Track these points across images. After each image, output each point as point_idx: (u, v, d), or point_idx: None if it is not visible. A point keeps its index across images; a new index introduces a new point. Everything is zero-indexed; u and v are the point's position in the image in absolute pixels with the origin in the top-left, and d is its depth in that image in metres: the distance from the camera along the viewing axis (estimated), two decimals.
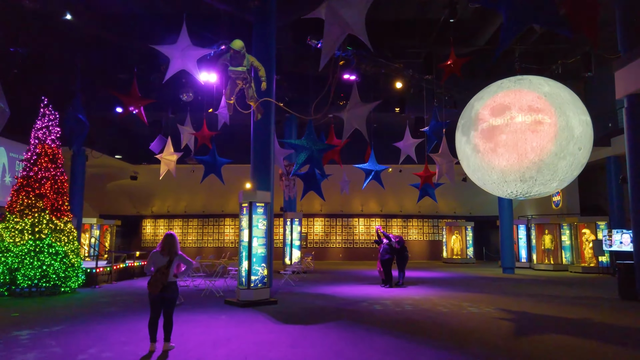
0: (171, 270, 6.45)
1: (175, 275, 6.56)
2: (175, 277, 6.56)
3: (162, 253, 6.45)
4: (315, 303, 10.92)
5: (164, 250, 6.46)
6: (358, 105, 9.63)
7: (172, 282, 6.49)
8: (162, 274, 6.37)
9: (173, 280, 6.50)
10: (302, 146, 9.54)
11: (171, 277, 6.46)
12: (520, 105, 8.42)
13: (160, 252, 6.46)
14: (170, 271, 6.44)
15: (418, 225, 29.55)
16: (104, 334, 7.41)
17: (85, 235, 23.38)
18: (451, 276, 18.29)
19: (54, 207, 12.55)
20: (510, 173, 8.48)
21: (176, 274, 6.57)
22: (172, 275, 6.50)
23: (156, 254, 6.47)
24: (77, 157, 20.59)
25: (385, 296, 12.06)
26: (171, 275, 6.46)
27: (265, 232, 10.90)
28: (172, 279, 6.48)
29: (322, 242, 28.95)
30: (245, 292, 10.51)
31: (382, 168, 14.61)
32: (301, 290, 13.22)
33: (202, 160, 13.61)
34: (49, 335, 7.32)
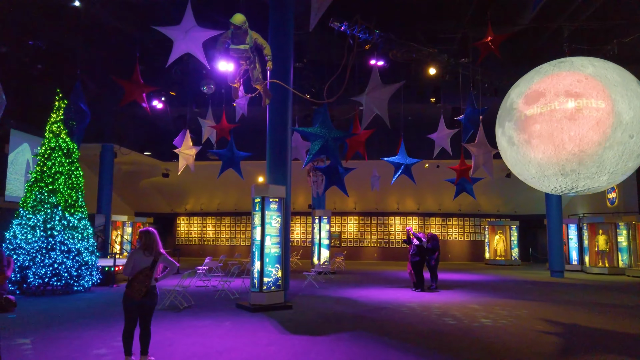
0: (154, 273, 5.63)
1: (156, 278, 5.72)
2: (156, 281, 5.72)
3: (144, 252, 5.62)
4: (334, 309, 9.91)
5: (147, 249, 5.63)
6: (378, 87, 8.56)
7: (153, 286, 5.66)
8: (146, 277, 5.53)
9: (153, 284, 5.67)
10: (316, 134, 8.56)
11: (153, 280, 5.64)
12: (556, 91, 7.46)
13: (142, 251, 5.63)
14: (154, 273, 5.62)
15: (458, 224, 27.93)
16: (87, 343, 6.69)
17: (116, 233, 23.33)
18: (492, 279, 16.81)
19: (67, 203, 12.14)
20: (548, 166, 7.61)
21: (156, 277, 5.73)
22: (153, 279, 5.68)
23: (137, 253, 5.63)
24: (105, 154, 20.47)
25: (413, 302, 10.90)
26: (153, 278, 5.64)
27: (279, 230, 9.99)
28: (152, 282, 5.65)
29: (356, 241, 27.85)
30: (257, 296, 9.64)
31: (413, 161, 13.40)
32: (323, 294, 12.25)
33: (219, 154, 12.88)
34: (24, 343, 6.68)
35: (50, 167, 12.13)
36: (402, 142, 13.83)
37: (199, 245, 29.77)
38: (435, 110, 18.47)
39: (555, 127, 7.30)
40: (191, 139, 15.41)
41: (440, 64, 15.01)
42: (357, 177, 23.14)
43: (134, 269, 5.55)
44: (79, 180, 12.67)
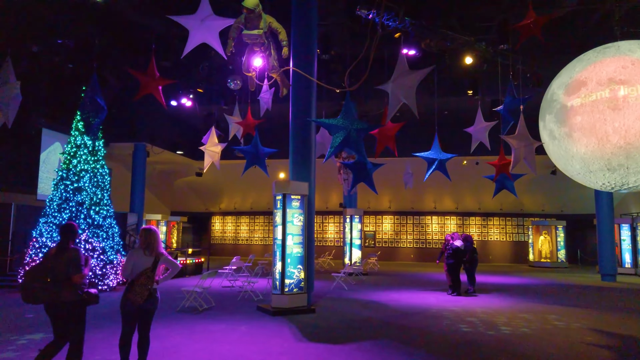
0: (155, 274, 5.18)
1: (156, 281, 5.26)
2: (157, 283, 5.27)
3: (144, 252, 5.17)
4: (361, 313, 9.27)
5: (147, 249, 5.18)
6: (405, 74, 7.85)
7: (155, 288, 5.20)
8: (148, 279, 5.08)
9: (155, 287, 5.22)
10: (337, 126, 7.95)
11: (154, 282, 5.18)
12: (598, 79, 6.94)
13: (143, 250, 5.18)
14: (155, 275, 5.17)
15: (500, 224, 26.59)
16: (93, 346, 6.36)
17: None
18: (537, 283, 15.69)
19: (92, 201, 12.03)
20: (592, 161, 7.09)
21: (157, 280, 5.27)
22: (155, 281, 5.23)
23: (137, 253, 5.18)
24: (137, 153, 20.55)
25: (447, 307, 10.11)
26: (155, 280, 5.19)
27: (302, 228, 9.45)
28: (154, 285, 5.20)
29: (391, 241, 26.99)
30: (279, 298, 9.12)
31: (448, 157, 12.51)
32: (351, 296, 11.61)
33: (243, 151, 12.44)
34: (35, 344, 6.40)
35: (76, 165, 12.06)
36: (436, 136, 12.99)
37: (233, 244, 29.71)
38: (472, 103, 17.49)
39: (597, 119, 6.82)
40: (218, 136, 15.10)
41: (477, 53, 14.07)
42: (391, 174, 22.41)
43: (134, 270, 5.10)
44: (105, 179, 12.57)
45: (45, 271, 4.77)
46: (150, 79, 8.74)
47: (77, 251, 4.98)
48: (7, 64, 8.19)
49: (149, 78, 8.74)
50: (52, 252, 4.95)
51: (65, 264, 4.80)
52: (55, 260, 4.81)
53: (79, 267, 4.92)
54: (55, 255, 4.85)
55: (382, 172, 22.37)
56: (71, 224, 5.11)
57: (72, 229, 5.05)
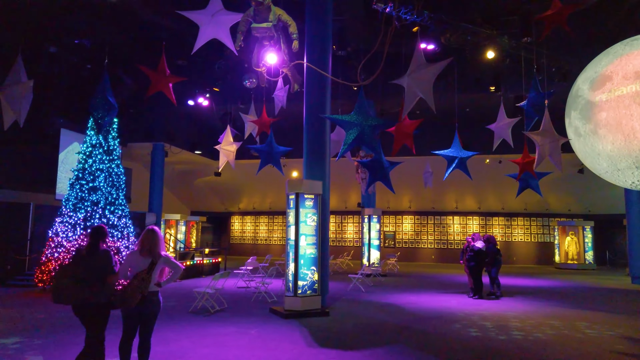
0: (153, 277, 4.96)
1: (159, 283, 5.05)
2: (158, 286, 5.05)
3: (141, 254, 4.97)
4: (376, 317, 8.94)
5: (144, 250, 4.98)
6: (422, 67, 7.50)
7: (154, 292, 4.99)
8: (142, 281, 4.88)
9: (155, 290, 5.00)
10: (350, 122, 7.65)
11: (153, 285, 4.97)
12: (624, 73, 6.64)
13: (139, 252, 4.98)
14: (153, 278, 4.95)
15: (524, 224, 25.84)
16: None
17: (170, 231, 23.51)
18: (563, 285, 15.07)
19: (107, 200, 11.98)
20: (620, 159, 6.82)
21: (159, 282, 5.05)
22: (155, 284, 5.00)
23: (134, 254, 4.99)
24: (156, 153, 20.60)
25: (468, 310, 9.70)
26: (153, 283, 4.97)
27: (315, 229, 9.17)
28: (153, 288, 4.98)
29: (412, 242, 26.50)
30: (291, 300, 8.87)
31: (468, 154, 12.08)
32: (368, 299, 11.28)
33: (257, 150, 12.25)
34: (34, 347, 6.28)
35: (91, 165, 12.04)
36: (456, 133, 12.56)
37: (252, 244, 29.64)
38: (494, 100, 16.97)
39: (623, 114, 6.55)
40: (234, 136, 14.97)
41: (499, 47, 13.57)
42: (411, 173, 21.99)
43: (130, 272, 4.92)
44: (120, 178, 12.53)
45: (77, 272, 4.70)
46: (161, 76, 8.60)
47: (108, 253, 4.95)
48: (18, 62, 8.13)
49: (159, 75, 8.60)
50: (83, 253, 4.89)
51: (98, 266, 4.77)
52: (86, 262, 4.77)
53: (112, 269, 4.88)
54: (87, 257, 4.81)
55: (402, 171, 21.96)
56: (101, 226, 5.05)
57: (102, 230, 4.99)
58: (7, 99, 8.04)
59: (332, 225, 27.65)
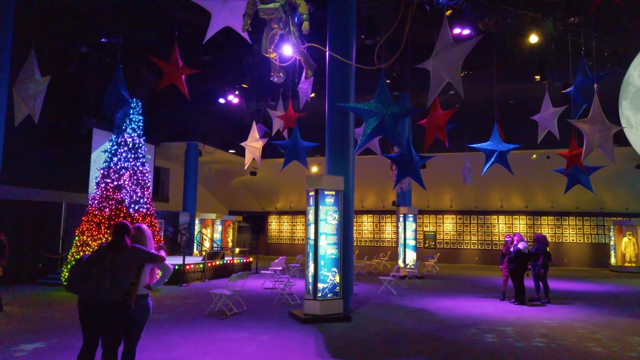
0: (143, 278, 4.51)
1: (149, 286, 4.61)
2: (148, 289, 4.61)
3: None
4: (402, 323, 8.22)
5: None
6: (449, 47, 6.74)
7: (143, 295, 4.54)
8: (132, 285, 4.42)
9: (144, 293, 4.56)
10: (370, 111, 6.99)
11: (142, 288, 4.52)
12: None
13: None
14: (142, 279, 4.50)
15: (576, 224, 24.11)
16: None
17: (205, 231, 23.51)
18: (619, 291, 13.72)
19: (132, 199, 11.84)
20: None
21: (149, 285, 4.61)
22: (144, 286, 4.56)
23: None
24: (190, 152, 20.58)
25: (508, 318, 8.79)
26: (142, 285, 4.52)
27: (336, 227, 8.56)
28: (143, 290, 4.54)
29: (453, 242, 25.32)
30: (311, 304, 8.30)
31: (509, 147, 11.09)
32: (398, 303, 10.55)
33: (282, 146, 11.78)
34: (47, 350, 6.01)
35: (116, 163, 11.94)
36: (495, 125, 11.59)
37: (290, 244, 29.30)
38: (541, 90, 15.78)
39: None
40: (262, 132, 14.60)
41: (543, 31, 12.46)
42: (451, 170, 20.95)
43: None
44: (145, 177, 12.37)
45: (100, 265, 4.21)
46: (174, 68, 8.26)
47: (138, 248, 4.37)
48: (31, 57, 8.00)
49: (172, 67, 8.26)
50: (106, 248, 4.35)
51: (123, 263, 4.24)
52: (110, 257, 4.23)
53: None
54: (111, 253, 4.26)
55: (442, 168, 20.92)
56: (125, 223, 4.47)
57: (126, 227, 4.41)
58: (20, 95, 7.92)
59: (369, 225, 26.91)
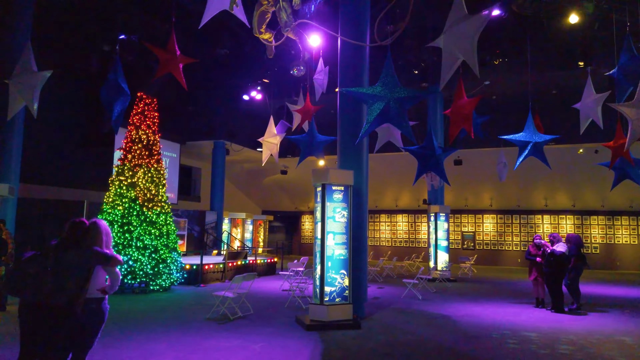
0: (95, 280, 4.00)
1: (103, 289, 4.07)
2: (103, 293, 4.08)
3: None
4: (418, 332, 7.42)
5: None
6: (461, 20, 5.91)
7: (95, 298, 4.02)
8: (80, 288, 3.91)
9: (97, 297, 4.03)
10: (374, 95, 6.26)
11: (94, 291, 4.01)
12: None
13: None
14: (94, 282, 3.99)
15: (630, 224, 22.21)
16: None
17: (236, 230, 23.27)
18: None
19: (145, 197, 11.57)
20: None
21: (104, 288, 4.08)
22: (98, 289, 4.04)
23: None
24: (217, 151, 20.35)
25: (541, 329, 7.80)
26: (94, 287, 4.01)
27: (345, 226, 7.86)
28: (95, 294, 4.02)
29: (494, 243, 23.93)
30: (317, 309, 7.64)
31: (545, 139, 10.01)
32: (420, 308, 9.70)
33: (297, 140, 11.17)
34: None
35: (130, 160, 11.73)
36: (529, 114, 10.53)
37: None
38: (584, 78, 14.47)
39: None
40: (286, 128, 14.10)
41: (584, 10, 11.26)
42: (490, 166, 19.67)
43: None
44: (160, 174, 12.09)
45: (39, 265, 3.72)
46: (171, 56, 7.81)
47: (92, 249, 3.90)
48: (27, 49, 7.75)
49: (169, 55, 7.80)
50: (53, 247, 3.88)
51: (71, 264, 3.78)
52: (58, 256, 3.77)
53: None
54: (59, 251, 3.81)
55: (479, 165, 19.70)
56: (82, 221, 4.04)
57: (82, 226, 3.99)
58: (17, 88, 7.69)
59: (404, 225, 25.91)
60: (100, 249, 3.95)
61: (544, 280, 9.69)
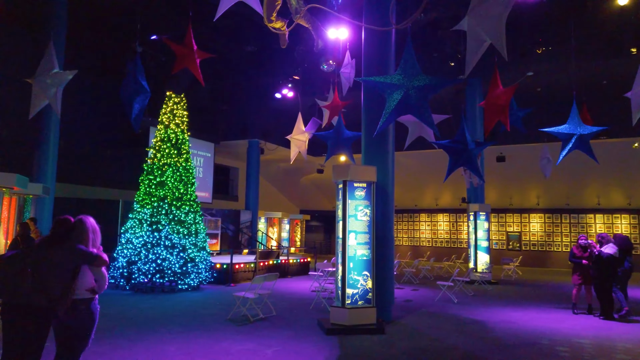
0: (82, 280, 3.79)
1: (92, 289, 3.87)
2: (92, 293, 3.87)
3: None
4: (447, 339, 6.89)
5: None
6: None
7: (83, 299, 3.80)
8: (64, 288, 3.70)
9: (85, 297, 3.81)
10: (392, 84, 5.81)
11: (82, 291, 3.80)
12: None
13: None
14: (82, 281, 3.79)
15: None
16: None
17: (272, 230, 23.20)
18: None
19: (174, 196, 11.55)
20: None
21: (93, 288, 3.87)
22: (87, 289, 3.83)
23: None
24: (251, 150, 20.31)
25: (586, 338, 7.09)
26: (82, 287, 3.80)
27: (368, 225, 7.44)
28: (84, 294, 3.80)
29: (542, 244, 22.66)
30: (338, 312, 7.26)
31: (591, 130, 9.21)
32: (454, 312, 9.12)
33: (324, 136, 10.82)
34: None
35: (160, 159, 11.75)
36: (574, 105, 9.71)
37: None
38: (636, 66, 13.31)
39: None
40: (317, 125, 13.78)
41: None
42: (535, 163, 18.58)
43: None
44: (189, 173, 12.06)
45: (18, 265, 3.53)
46: (188, 51, 7.65)
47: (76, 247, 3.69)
48: (49, 49, 7.80)
49: (186, 50, 7.65)
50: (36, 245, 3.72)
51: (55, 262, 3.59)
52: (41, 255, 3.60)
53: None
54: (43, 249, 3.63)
55: (523, 161, 18.66)
56: (67, 219, 3.84)
57: (68, 223, 3.80)
58: (40, 86, 7.75)
59: (445, 225, 25.03)
60: (84, 247, 3.74)
61: (590, 285, 8.89)
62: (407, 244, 26.08)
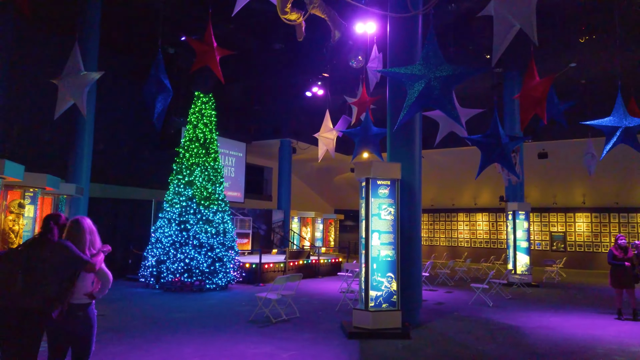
0: (81, 284, 3.62)
1: (91, 294, 3.69)
2: (90, 298, 3.70)
3: None
4: (476, 345, 6.48)
5: None
6: None
7: (80, 305, 3.61)
8: (63, 289, 3.57)
9: (82, 303, 3.63)
10: (413, 75, 5.48)
11: (80, 296, 3.63)
12: None
13: None
14: (80, 285, 3.62)
15: None
16: None
17: (306, 229, 23.07)
18: None
19: (202, 195, 11.55)
20: None
21: (92, 293, 3.70)
22: (85, 294, 3.65)
23: None
24: (283, 149, 20.24)
25: (628, 344, 6.52)
26: (82, 293, 3.64)
27: (392, 224, 7.11)
28: (82, 299, 3.64)
29: (588, 245, 21.50)
30: (360, 315, 6.97)
31: (638, 122, 8.57)
32: (487, 316, 8.64)
33: (351, 134, 10.54)
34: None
35: (188, 159, 11.79)
36: (619, 96, 9.03)
37: None
38: None
39: None
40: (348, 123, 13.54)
41: None
42: (580, 160, 17.63)
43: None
44: (217, 173, 12.04)
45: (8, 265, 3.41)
46: (208, 48, 7.55)
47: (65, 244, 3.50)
48: (75, 50, 7.89)
49: (206, 47, 7.55)
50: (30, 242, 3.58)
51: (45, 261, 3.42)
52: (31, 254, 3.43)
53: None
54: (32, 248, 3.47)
55: (567, 158, 17.73)
56: (57, 214, 3.72)
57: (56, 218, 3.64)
58: (65, 87, 7.85)
59: (484, 225, 24.18)
60: (74, 249, 3.54)
61: (633, 288, 8.23)
62: (444, 244, 25.38)
